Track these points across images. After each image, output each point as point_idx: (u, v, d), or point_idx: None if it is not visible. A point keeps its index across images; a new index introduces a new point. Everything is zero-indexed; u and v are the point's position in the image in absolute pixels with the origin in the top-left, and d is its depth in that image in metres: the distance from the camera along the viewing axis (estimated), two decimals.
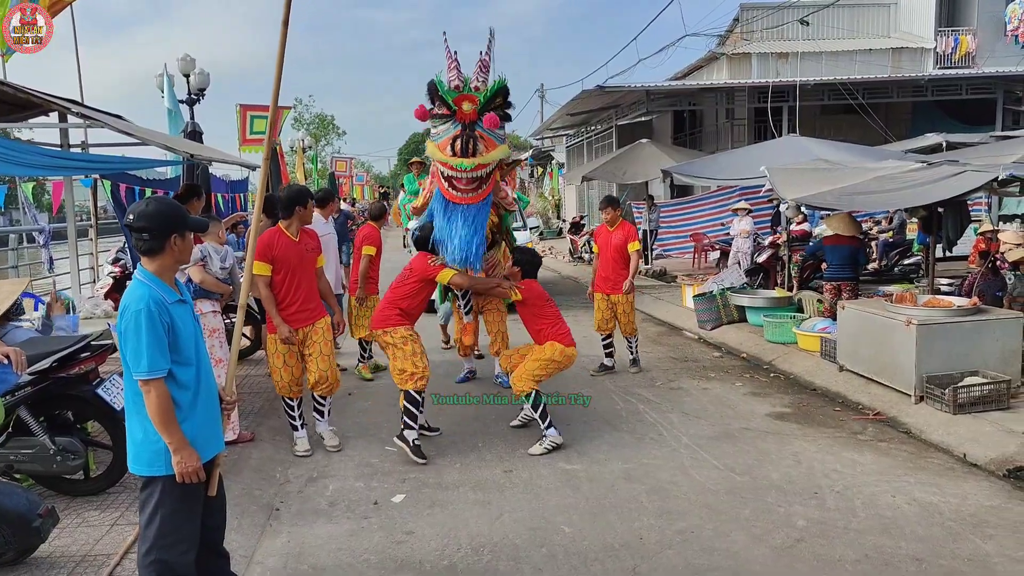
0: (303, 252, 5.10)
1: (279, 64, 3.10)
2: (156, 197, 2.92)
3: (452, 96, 4.86)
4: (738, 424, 5.71)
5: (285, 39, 3.06)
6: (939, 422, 5.25)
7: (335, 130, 55.55)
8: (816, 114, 17.19)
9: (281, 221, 5.13)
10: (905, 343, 5.70)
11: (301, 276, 5.07)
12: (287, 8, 3.06)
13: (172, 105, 13.52)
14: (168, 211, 2.80)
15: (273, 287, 5.01)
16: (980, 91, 15.58)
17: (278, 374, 5.18)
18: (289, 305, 5.04)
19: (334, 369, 5.23)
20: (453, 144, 4.88)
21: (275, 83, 3.11)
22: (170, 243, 2.78)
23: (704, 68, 20.53)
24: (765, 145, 10.81)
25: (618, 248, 7.07)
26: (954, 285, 9.38)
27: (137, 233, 2.75)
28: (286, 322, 5.00)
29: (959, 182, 6.13)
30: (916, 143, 10.26)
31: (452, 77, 4.88)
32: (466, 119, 4.88)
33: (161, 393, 2.67)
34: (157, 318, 2.66)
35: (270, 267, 4.97)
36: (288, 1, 3.06)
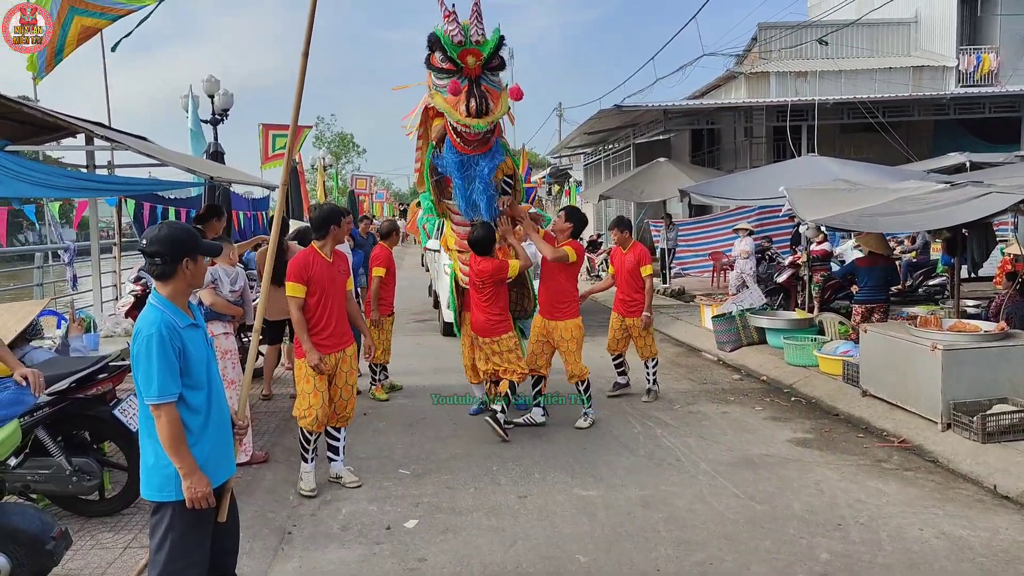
0: (336, 274, 4.88)
1: (298, 93, 3.11)
2: (169, 222, 2.94)
3: (456, 51, 5.00)
4: (758, 450, 5.60)
5: (304, 70, 3.07)
6: (967, 451, 5.12)
7: (355, 148, 56.14)
8: (836, 133, 17.07)
9: (315, 241, 4.89)
10: (930, 369, 5.58)
11: (334, 299, 4.82)
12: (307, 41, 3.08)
13: (195, 126, 13.72)
14: (180, 236, 2.81)
15: (306, 310, 4.75)
16: (1004, 109, 15.39)
17: (306, 402, 4.76)
18: (322, 330, 4.77)
19: (355, 400, 5.07)
20: (467, 104, 5.03)
21: (294, 111, 3.13)
22: (182, 267, 2.78)
23: (722, 87, 20.49)
24: (784, 164, 10.72)
25: (630, 270, 6.91)
26: (980, 307, 9.20)
27: (150, 258, 2.76)
28: (317, 348, 4.71)
29: (984, 204, 6.01)
30: (938, 163, 10.12)
31: (453, 30, 4.98)
32: (472, 74, 5.06)
33: (172, 418, 2.66)
34: (168, 343, 2.66)
35: (304, 288, 4.72)
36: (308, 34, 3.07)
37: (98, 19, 9.16)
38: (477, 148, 5.44)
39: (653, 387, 7.15)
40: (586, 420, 6.26)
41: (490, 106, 5.12)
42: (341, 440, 5.07)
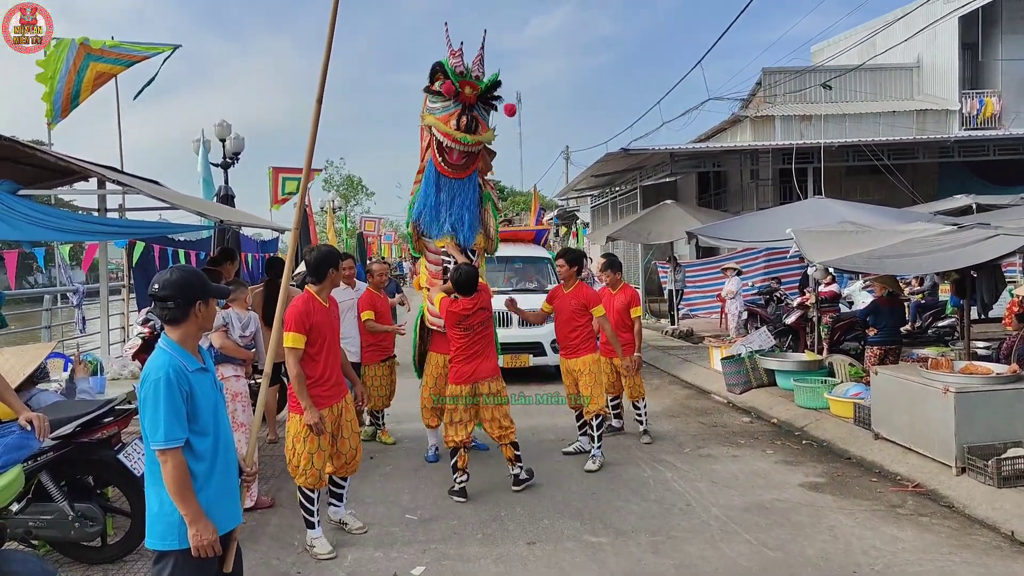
0: (333, 320, 4.61)
1: (312, 139, 3.17)
2: (179, 266, 2.94)
3: (457, 79, 5.46)
4: (770, 495, 5.50)
5: (318, 117, 3.14)
6: (983, 496, 5.01)
7: (364, 191, 56.74)
8: (842, 175, 17.17)
9: (311, 286, 4.56)
10: (943, 412, 5.50)
11: (333, 347, 4.54)
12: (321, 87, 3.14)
13: (205, 170, 13.87)
14: (191, 280, 2.81)
15: (305, 362, 4.37)
16: (1008, 152, 15.47)
17: (307, 461, 4.40)
18: (324, 381, 4.45)
19: (361, 447, 4.85)
20: (458, 120, 5.49)
21: (307, 155, 3.18)
22: (194, 311, 2.78)
23: (728, 130, 20.71)
24: (791, 207, 10.76)
25: (619, 312, 6.89)
26: (991, 349, 9.11)
27: (161, 302, 2.76)
28: (318, 401, 4.38)
29: (992, 246, 6.00)
30: (945, 204, 10.16)
31: (457, 63, 5.53)
32: (467, 101, 5.54)
33: (178, 463, 2.63)
34: (176, 387, 2.64)
35: (304, 339, 4.34)
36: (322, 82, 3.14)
37: (113, 65, 9.37)
38: (458, 172, 5.80)
39: (647, 427, 7.15)
40: (595, 463, 6.17)
41: (479, 129, 5.60)
42: (345, 488, 4.91)
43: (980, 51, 18.84)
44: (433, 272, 6.23)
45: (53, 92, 8.70)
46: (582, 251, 7.86)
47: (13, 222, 5.34)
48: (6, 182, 5.64)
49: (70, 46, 8.78)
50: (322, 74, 3.29)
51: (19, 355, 5.13)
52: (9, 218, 5.30)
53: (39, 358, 4.97)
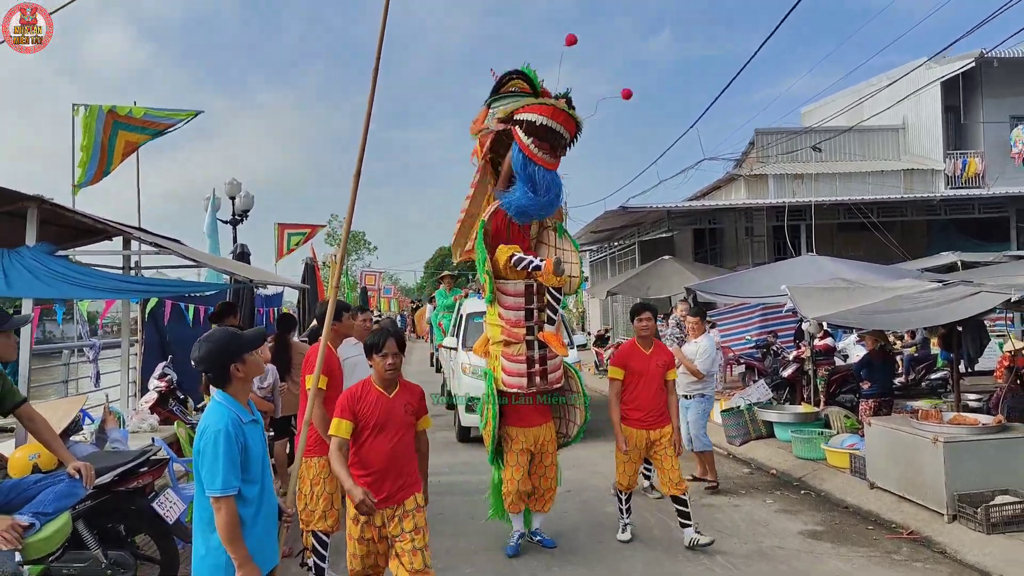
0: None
1: (350, 212, 3.54)
2: (207, 336, 3.12)
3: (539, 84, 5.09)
4: (771, 542, 5.72)
5: (356, 190, 3.51)
6: (973, 542, 5.25)
7: (366, 245, 57.46)
8: (833, 232, 17.68)
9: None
10: (934, 461, 5.77)
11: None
12: (359, 162, 3.53)
13: (211, 228, 14.17)
14: (220, 346, 3.03)
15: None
16: (992, 210, 16.03)
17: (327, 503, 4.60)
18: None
19: None
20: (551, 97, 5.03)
21: (346, 223, 3.53)
22: (232, 371, 3.02)
23: (723, 188, 21.34)
24: (785, 263, 11.17)
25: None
26: (982, 401, 9.41)
27: (203, 373, 3.07)
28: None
29: (975, 303, 6.36)
30: (932, 261, 10.57)
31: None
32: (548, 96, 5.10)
33: (231, 511, 2.86)
34: (234, 439, 2.90)
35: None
36: (360, 156, 3.53)
37: (140, 134, 9.79)
38: (551, 158, 5.07)
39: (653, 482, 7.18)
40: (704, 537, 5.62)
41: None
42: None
43: (962, 114, 19.62)
44: (513, 320, 5.23)
45: (88, 160, 9.10)
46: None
47: (50, 281, 5.69)
48: (43, 243, 6.00)
49: (98, 114, 9.24)
50: (360, 149, 3.67)
51: (54, 408, 5.41)
52: (48, 278, 5.65)
53: (73, 411, 5.24)
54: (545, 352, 5.26)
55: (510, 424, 5.43)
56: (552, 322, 5.31)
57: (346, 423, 3.84)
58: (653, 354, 5.65)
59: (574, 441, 5.77)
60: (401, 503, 3.83)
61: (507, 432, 5.46)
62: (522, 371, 5.18)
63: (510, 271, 5.17)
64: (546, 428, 5.50)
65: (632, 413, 5.61)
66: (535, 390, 5.27)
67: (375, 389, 3.89)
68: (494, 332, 5.34)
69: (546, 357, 5.29)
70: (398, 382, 3.92)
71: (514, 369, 5.20)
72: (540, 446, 5.46)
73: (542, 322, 5.28)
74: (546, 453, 5.51)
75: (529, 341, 5.20)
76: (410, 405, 3.92)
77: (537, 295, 5.26)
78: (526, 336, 5.22)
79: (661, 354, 5.72)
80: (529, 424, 5.40)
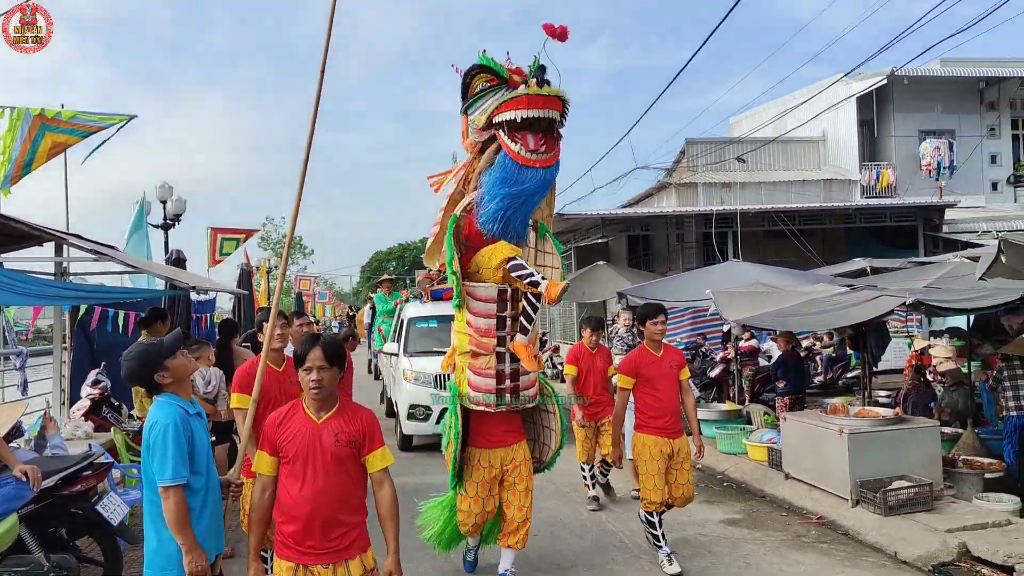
0: (287, 384, 4.37)
1: (293, 220, 3.74)
2: (126, 354, 3.28)
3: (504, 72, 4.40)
4: (694, 530, 6.13)
5: (300, 198, 3.72)
6: (873, 523, 5.77)
7: (301, 249, 56.57)
8: (759, 238, 18.53)
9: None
10: (839, 451, 6.29)
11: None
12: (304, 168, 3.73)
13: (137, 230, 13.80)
14: (139, 362, 3.22)
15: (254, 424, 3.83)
16: (902, 219, 17.13)
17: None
18: None
19: None
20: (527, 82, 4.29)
21: (288, 236, 3.73)
22: (158, 380, 3.21)
23: (655, 195, 22.05)
24: (710, 269, 11.76)
25: (602, 372, 6.78)
26: (891, 397, 10.15)
27: (138, 387, 3.26)
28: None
29: (875, 306, 6.95)
30: (844, 267, 11.27)
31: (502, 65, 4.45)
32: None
33: (179, 499, 3.06)
34: (182, 431, 3.11)
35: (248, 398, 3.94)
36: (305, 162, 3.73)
37: (69, 136, 9.63)
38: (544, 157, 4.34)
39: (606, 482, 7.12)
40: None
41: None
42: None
43: (876, 128, 20.86)
44: (483, 329, 4.55)
45: (7, 161, 8.93)
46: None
47: None
48: None
49: (24, 116, 9.07)
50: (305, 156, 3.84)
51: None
52: None
53: (15, 416, 5.22)
54: (518, 366, 4.55)
55: (473, 445, 4.68)
56: (526, 332, 4.61)
57: (267, 458, 3.14)
58: (664, 356, 5.31)
59: (547, 468, 5.13)
60: (343, 562, 3.06)
61: (469, 454, 4.71)
62: (491, 387, 4.49)
63: (494, 273, 4.45)
64: (518, 448, 4.72)
65: (653, 421, 5.20)
66: (505, 409, 4.57)
67: (302, 412, 3.16)
68: (461, 341, 4.65)
69: (519, 372, 4.58)
70: (334, 404, 3.16)
71: (482, 384, 4.51)
72: (511, 469, 4.69)
73: (515, 332, 4.58)
74: (519, 478, 4.69)
75: (500, 353, 4.53)
76: (344, 435, 3.09)
77: (511, 301, 4.53)
78: (497, 347, 4.53)
79: (673, 355, 5.42)
80: (496, 444, 4.66)
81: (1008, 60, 20.02)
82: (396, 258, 59.89)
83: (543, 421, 4.99)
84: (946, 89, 20.68)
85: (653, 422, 5.21)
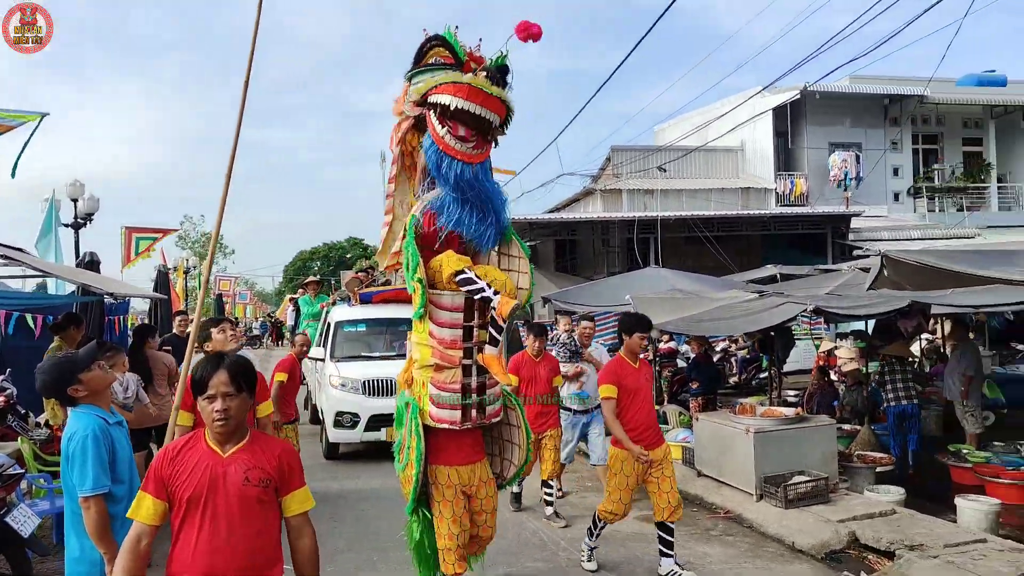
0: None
1: (218, 220, 3.77)
2: (39, 369, 3.30)
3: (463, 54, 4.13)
4: (610, 528, 6.34)
5: (226, 197, 3.74)
6: (774, 516, 6.16)
7: (223, 249, 54.93)
8: (681, 244, 19.21)
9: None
10: (746, 449, 6.67)
11: None
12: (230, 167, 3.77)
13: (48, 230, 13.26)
14: (52, 377, 3.23)
15: None
16: (813, 227, 18.07)
17: None
18: None
19: None
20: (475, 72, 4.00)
21: (214, 236, 3.76)
22: (74, 391, 3.22)
23: (581, 201, 22.53)
24: (631, 275, 12.17)
25: (545, 381, 6.59)
26: (799, 396, 10.75)
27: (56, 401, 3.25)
28: None
29: (782, 311, 7.39)
30: (756, 274, 11.89)
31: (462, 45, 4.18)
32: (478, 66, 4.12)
33: (100, 509, 3.08)
34: (102, 441, 3.12)
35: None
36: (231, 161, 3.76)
37: None
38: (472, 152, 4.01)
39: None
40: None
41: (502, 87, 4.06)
42: None
43: (790, 139, 21.91)
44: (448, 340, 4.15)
45: None
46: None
47: None
48: None
49: None
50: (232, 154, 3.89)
51: None
52: None
53: None
54: (484, 379, 4.23)
55: (434, 463, 4.23)
56: (496, 343, 4.22)
57: (149, 500, 2.57)
58: (641, 368, 5.33)
59: (509, 484, 4.81)
60: None
61: (433, 473, 4.24)
62: (456, 402, 4.13)
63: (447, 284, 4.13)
64: (480, 467, 4.37)
65: (629, 433, 5.15)
66: (470, 426, 4.20)
67: (203, 444, 2.65)
68: (423, 354, 4.22)
69: (485, 386, 4.25)
70: (244, 435, 2.68)
71: (446, 400, 4.14)
72: (475, 489, 4.32)
73: (483, 342, 4.21)
74: (486, 498, 4.36)
75: (466, 366, 4.15)
76: (256, 472, 2.60)
77: (479, 310, 4.18)
78: (463, 360, 4.17)
79: (646, 368, 5.47)
80: (463, 462, 4.26)
81: (910, 79, 21.31)
82: (321, 258, 58.88)
83: (506, 435, 4.59)
84: (854, 105, 21.91)
85: (630, 435, 5.15)
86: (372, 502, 7.32)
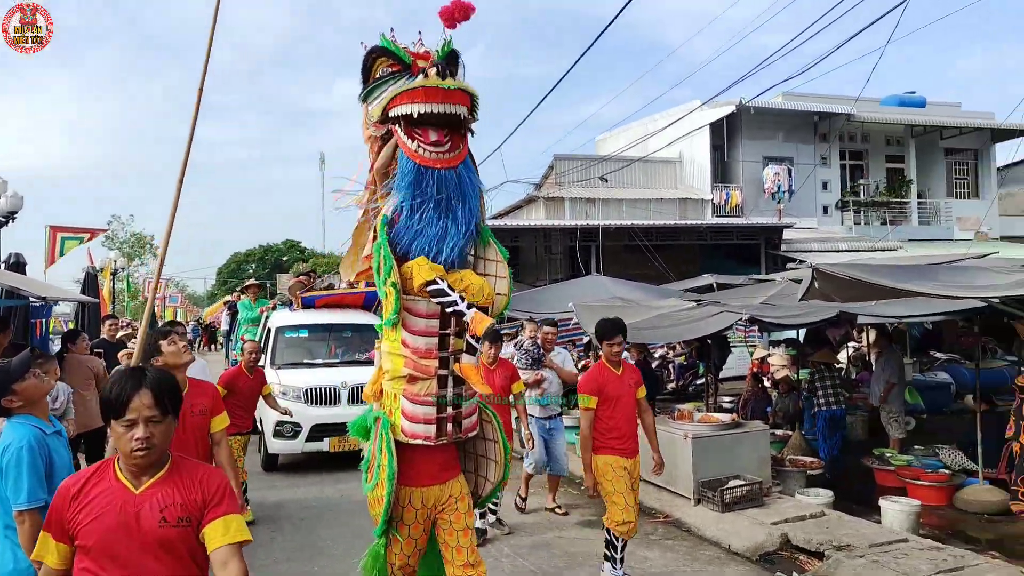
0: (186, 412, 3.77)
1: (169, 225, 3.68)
2: None
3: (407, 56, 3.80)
4: (553, 534, 6.47)
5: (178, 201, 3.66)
6: (711, 519, 6.34)
7: (152, 250, 53.09)
8: (621, 252, 19.56)
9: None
10: (684, 454, 6.85)
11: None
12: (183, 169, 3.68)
13: None
14: None
15: None
16: (747, 238, 18.66)
17: None
18: None
19: None
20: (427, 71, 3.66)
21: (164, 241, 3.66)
22: (8, 402, 3.11)
23: (524, 208, 22.69)
24: (573, 283, 12.34)
25: (501, 390, 6.32)
26: (734, 402, 11.09)
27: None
28: None
29: (718, 320, 7.63)
30: (693, 283, 12.21)
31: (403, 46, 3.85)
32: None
33: (35, 522, 2.95)
34: (38, 452, 3.01)
35: None
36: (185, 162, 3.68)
37: None
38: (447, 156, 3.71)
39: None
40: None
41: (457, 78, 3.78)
42: None
43: (726, 152, 22.58)
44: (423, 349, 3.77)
45: None
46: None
47: None
48: None
49: None
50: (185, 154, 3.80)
51: None
52: None
53: None
54: (461, 391, 3.89)
55: (403, 484, 3.81)
56: (473, 351, 3.99)
57: (51, 543, 2.24)
58: (624, 374, 5.27)
59: (485, 503, 4.48)
60: None
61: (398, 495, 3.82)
62: (430, 416, 3.77)
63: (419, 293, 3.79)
64: (455, 484, 3.96)
65: (612, 442, 5.13)
66: (446, 440, 3.84)
67: (112, 477, 2.24)
68: (395, 364, 3.87)
69: (462, 398, 3.90)
70: (164, 464, 2.27)
71: (420, 414, 3.78)
72: (447, 506, 3.90)
73: (459, 351, 3.91)
74: (456, 516, 3.90)
75: (442, 377, 3.83)
76: (174, 509, 2.20)
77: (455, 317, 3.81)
78: (439, 370, 3.83)
79: (631, 373, 5.38)
80: (432, 482, 3.87)
81: (839, 98, 22.26)
82: (257, 260, 57.56)
83: (482, 451, 4.26)
84: (786, 121, 22.73)
85: (612, 443, 5.13)
86: (313, 511, 7.21)
